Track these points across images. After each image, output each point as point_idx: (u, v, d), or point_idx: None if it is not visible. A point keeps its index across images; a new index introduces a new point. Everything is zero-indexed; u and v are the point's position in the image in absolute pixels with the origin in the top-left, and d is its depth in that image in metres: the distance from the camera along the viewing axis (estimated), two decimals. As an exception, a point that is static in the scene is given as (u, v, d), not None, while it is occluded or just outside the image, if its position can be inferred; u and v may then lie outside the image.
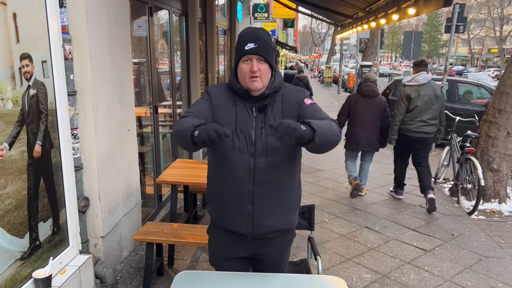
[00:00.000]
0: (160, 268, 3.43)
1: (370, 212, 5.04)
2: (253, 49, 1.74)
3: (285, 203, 1.91)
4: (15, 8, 2.24)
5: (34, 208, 2.45)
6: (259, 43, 1.75)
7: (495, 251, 4.11)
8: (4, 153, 2.17)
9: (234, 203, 1.86)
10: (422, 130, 4.96)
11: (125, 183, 3.57)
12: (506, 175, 5.42)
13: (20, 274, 2.32)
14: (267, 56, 1.76)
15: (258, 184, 1.81)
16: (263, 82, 1.78)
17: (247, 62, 1.77)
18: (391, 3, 4.97)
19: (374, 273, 3.62)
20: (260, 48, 1.74)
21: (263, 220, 1.86)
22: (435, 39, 56.36)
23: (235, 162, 1.80)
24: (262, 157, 1.79)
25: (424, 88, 4.91)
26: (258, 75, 1.75)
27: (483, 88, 9.22)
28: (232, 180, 1.83)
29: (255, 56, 1.75)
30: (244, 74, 1.78)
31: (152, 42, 4.43)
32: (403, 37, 16.13)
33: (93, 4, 2.90)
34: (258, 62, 1.75)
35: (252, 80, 1.76)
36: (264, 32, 1.83)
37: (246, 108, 1.83)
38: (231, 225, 1.91)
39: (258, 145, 1.79)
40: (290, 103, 1.85)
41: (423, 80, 4.92)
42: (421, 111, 4.92)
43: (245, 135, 1.80)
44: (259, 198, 1.83)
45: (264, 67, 1.77)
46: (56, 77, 2.62)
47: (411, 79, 5.04)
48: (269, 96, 1.83)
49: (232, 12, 10.01)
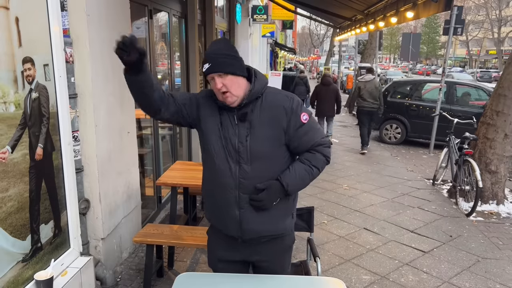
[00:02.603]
0: (160, 270, 3.44)
1: (368, 214, 5.06)
2: (209, 69, 1.74)
3: (274, 208, 1.89)
4: (18, 12, 2.26)
5: (36, 211, 2.46)
6: (213, 60, 1.74)
7: (493, 253, 4.13)
8: (6, 156, 2.19)
9: (223, 207, 1.89)
10: (369, 106, 8.37)
11: (125, 185, 3.59)
12: (504, 176, 5.45)
13: (22, 276, 2.33)
14: (225, 69, 1.74)
15: (244, 191, 1.82)
16: (234, 95, 1.76)
17: (212, 81, 1.78)
18: (389, 6, 5.00)
19: (373, 274, 3.64)
20: (214, 66, 1.74)
21: (251, 225, 1.87)
22: (433, 40, 56.50)
23: (221, 169, 1.83)
24: (247, 164, 1.80)
25: (368, 83, 8.41)
26: (224, 90, 1.75)
27: (481, 90, 9.25)
28: (219, 186, 1.86)
29: (214, 74, 1.75)
30: (216, 92, 1.80)
31: (152, 44, 4.45)
32: (401, 39, 16.17)
33: (94, 7, 2.92)
34: (220, 78, 1.74)
35: (223, 96, 1.77)
36: (219, 44, 1.83)
37: (228, 117, 1.84)
38: (222, 227, 1.95)
39: (243, 152, 1.80)
40: (277, 109, 1.83)
41: (368, 79, 8.52)
42: (367, 96, 8.34)
43: (228, 143, 1.82)
44: (246, 204, 1.84)
45: (229, 80, 1.75)
46: (57, 80, 2.64)
47: (361, 78, 8.77)
48: (250, 103, 1.82)
49: (231, 14, 10.04)
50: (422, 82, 10.44)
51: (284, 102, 1.85)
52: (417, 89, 9.78)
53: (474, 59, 54.90)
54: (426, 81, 10.87)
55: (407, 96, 9.72)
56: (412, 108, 9.45)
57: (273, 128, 1.82)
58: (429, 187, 6.26)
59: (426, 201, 5.59)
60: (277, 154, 1.86)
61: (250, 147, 1.80)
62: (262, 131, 1.81)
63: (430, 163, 7.85)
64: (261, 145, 1.81)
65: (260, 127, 1.81)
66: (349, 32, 8.58)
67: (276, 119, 1.82)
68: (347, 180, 6.44)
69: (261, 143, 1.81)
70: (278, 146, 1.85)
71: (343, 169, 7.12)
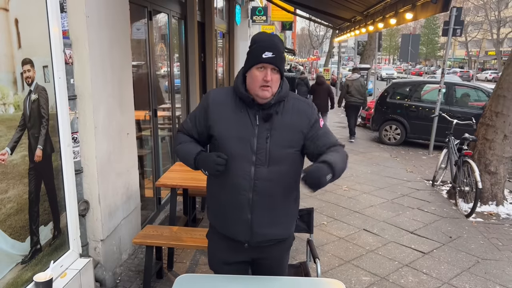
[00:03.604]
0: (159, 271, 3.44)
1: (368, 215, 5.06)
2: (270, 59, 1.71)
3: (285, 212, 1.91)
4: (17, 13, 2.26)
5: (35, 212, 2.46)
6: (277, 53, 1.72)
7: (493, 253, 4.13)
8: (5, 157, 2.19)
9: (233, 210, 1.86)
10: (355, 101, 9.69)
11: (125, 186, 3.58)
12: (504, 177, 5.45)
13: (21, 278, 2.33)
14: (281, 67, 1.76)
15: (258, 193, 1.80)
16: (272, 91, 1.76)
17: (261, 70, 1.73)
18: (388, 7, 5.00)
19: (373, 275, 3.64)
20: (277, 58, 1.72)
21: (262, 229, 1.86)
22: (432, 41, 56.52)
23: (235, 169, 1.79)
24: (264, 166, 1.78)
25: (355, 81, 9.75)
26: (270, 84, 1.73)
27: (481, 91, 9.25)
28: (232, 187, 1.82)
29: (270, 65, 1.72)
30: (256, 82, 1.74)
31: (151, 45, 4.45)
32: (400, 40, 16.18)
33: (93, 9, 2.92)
34: (272, 72, 1.73)
35: (263, 89, 1.74)
36: (279, 40, 1.80)
37: (249, 116, 1.80)
38: (229, 232, 1.92)
39: (261, 154, 1.78)
40: (299, 115, 1.83)
41: (354, 77, 9.87)
42: (354, 92, 9.65)
43: (246, 143, 1.78)
44: (259, 207, 1.82)
45: (276, 77, 1.75)
46: (57, 82, 2.64)
47: (349, 77, 10.17)
48: (274, 105, 1.80)
49: (230, 15, 10.05)
50: (422, 83, 10.46)
51: (307, 110, 1.87)
52: (417, 90, 9.79)
53: (473, 60, 54.96)
54: (426, 82, 10.89)
55: (407, 97, 9.73)
56: (411, 109, 9.46)
57: (294, 133, 1.82)
58: (429, 188, 6.26)
59: (425, 202, 5.60)
60: (294, 159, 1.85)
61: (270, 149, 1.78)
62: (282, 134, 1.80)
63: (429, 164, 7.85)
64: (281, 148, 1.79)
65: (281, 130, 1.79)
66: (349, 33, 8.58)
67: (298, 125, 1.82)
68: (346, 181, 6.44)
69: (281, 146, 1.79)
70: (296, 151, 1.85)
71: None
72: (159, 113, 4.88)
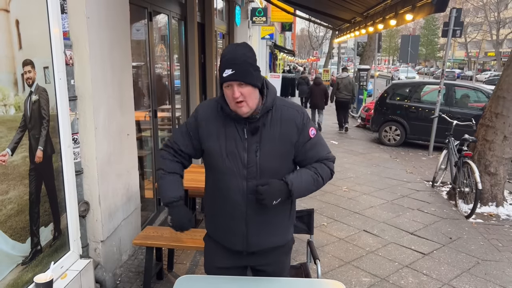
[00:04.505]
0: (159, 272, 3.44)
1: (368, 216, 5.06)
2: (230, 76, 1.64)
3: (280, 222, 1.91)
4: (18, 15, 2.27)
5: (36, 213, 2.46)
6: (237, 67, 1.64)
7: (493, 254, 4.13)
8: (6, 158, 2.19)
9: (229, 222, 1.86)
10: (344, 97, 11.06)
11: (125, 187, 3.58)
12: (503, 178, 5.45)
13: (21, 279, 2.33)
14: (246, 79, 1.66)
15: (252, 206, 1.79)
16: (249, 106, 1.69)
17: (229, 88, 1.68)
18: (388, 8, 5.01)
19: (373, 276, 3.64)
20: (237, 74, 1.64)
21: (258, 239, 1.86)
22: (432, 42, 56.55)
23: (228, 185, 1.78)
24: (255, 180, 1.76)
25: (344, 79, 11.09)
26: (241, 99, 1.67)
27: (480, 92, 9.26)
28: (226, 201, 1.82)
29: (234, 82, 1.66)
30: (229, 100, 1.71)
31: (151, 46, 4.45)
32: (400, 41, 16.19)
33: (94, 10, 2.92)
34: (239, 87, 1.66)
35: (237, 105, 1.69)
36: (243, 50, 1.71)
37: (237, 130, 1.77)
38: (226, 242, 1.92)
39: (252, 167, 1.76)
40: (287, 125, 1.79)
41: (344, 75, 11.29)
42: (343, 89, 10.99)
43: (236, 158, 1.76)
44: (254, 219, 1.82)
45: (247, 90, 1.67)
46: (57, 83, 2.64)
47: (339, 75, 11.73)
48: (262, 116, 1.76)
49: (230, 16, 10.05)
50: (421, 84, 10.46)
51: (295, 117, 1.81)
52: (416, 91, 9.80)
53: (472, 61, 55.00)
54: (425, 83, 10.90)
55: (406, 98, 9.73)
56: (411, 110, 9.47)
57: (284, 144, 1.79)
58: (429, 189, 6.26)
59: (425, 203, 5.60)
60: (286, 168, 1.84)
61: (260, 162, 1.75)
62: (272, 146, 1.77)
63: (429, 165, 7.85)
64: (271, 160, 1.77)
65: (270, 142, 1.76)
66: (348, 34, 8.57)
67: (287, 135, 1.79)
68: (346, 182, 6.44)
69: (271, 159, 1.77)
70: (287, 161, 1.84)
71: (342, 171, 7.12)
72: (159, 114, 4.88)
